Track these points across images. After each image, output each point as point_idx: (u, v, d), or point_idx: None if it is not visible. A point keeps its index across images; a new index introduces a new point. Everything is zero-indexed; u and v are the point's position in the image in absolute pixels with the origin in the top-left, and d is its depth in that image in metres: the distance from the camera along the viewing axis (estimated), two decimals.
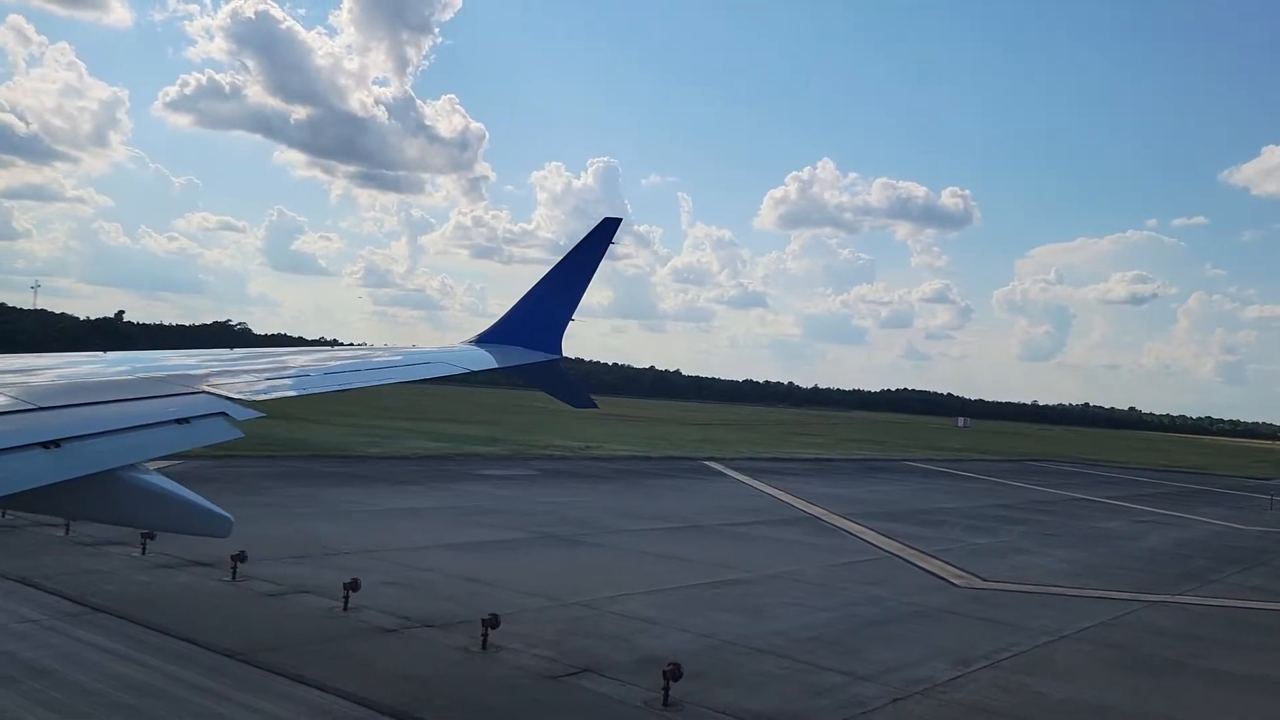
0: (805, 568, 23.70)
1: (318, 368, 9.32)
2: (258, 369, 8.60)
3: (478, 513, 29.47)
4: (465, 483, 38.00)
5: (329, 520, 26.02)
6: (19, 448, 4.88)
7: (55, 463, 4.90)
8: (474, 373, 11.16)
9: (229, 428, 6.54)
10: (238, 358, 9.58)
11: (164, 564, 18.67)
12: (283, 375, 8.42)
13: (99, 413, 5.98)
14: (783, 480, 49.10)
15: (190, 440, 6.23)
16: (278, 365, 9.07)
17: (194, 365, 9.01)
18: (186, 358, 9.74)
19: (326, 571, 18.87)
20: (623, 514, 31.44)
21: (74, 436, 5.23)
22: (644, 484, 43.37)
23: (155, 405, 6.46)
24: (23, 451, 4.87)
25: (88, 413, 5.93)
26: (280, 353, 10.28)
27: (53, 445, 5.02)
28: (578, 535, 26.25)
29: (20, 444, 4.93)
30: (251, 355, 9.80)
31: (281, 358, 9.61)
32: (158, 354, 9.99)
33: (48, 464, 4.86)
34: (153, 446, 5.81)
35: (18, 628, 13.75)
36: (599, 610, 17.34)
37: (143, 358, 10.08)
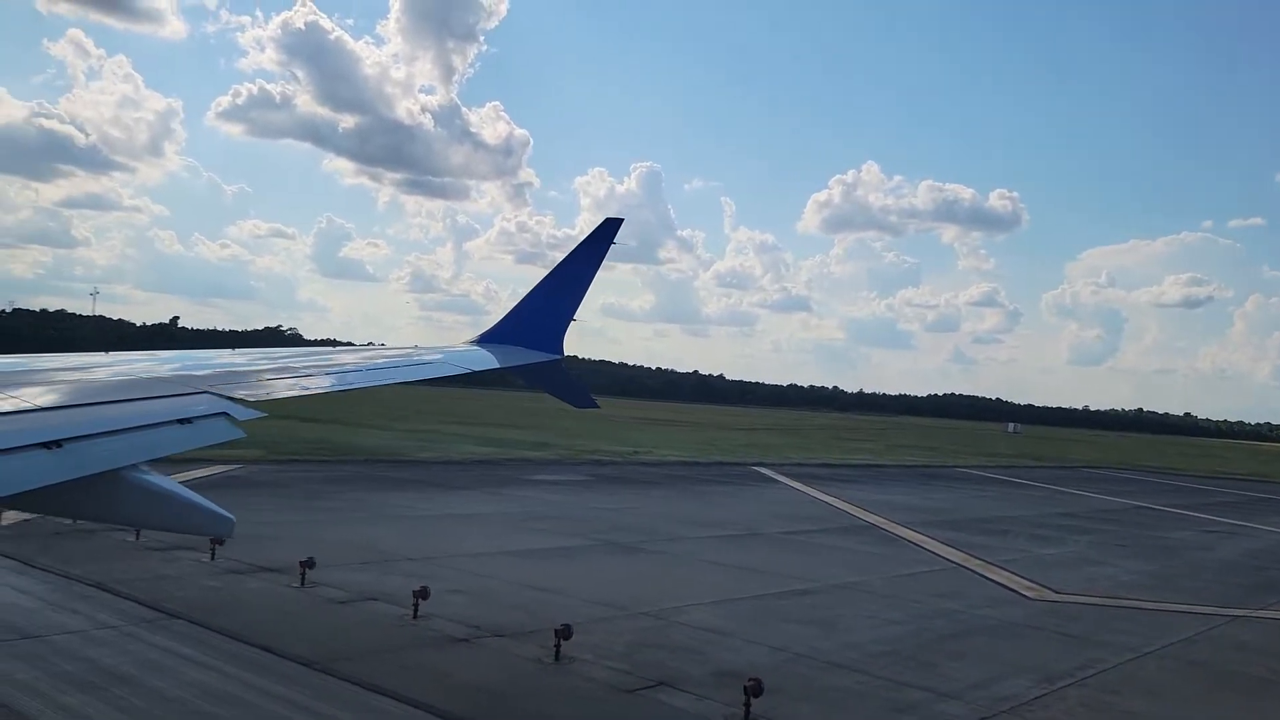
0: (871, 578, 23.23)
1: (317, 369, 9.25)
2: (264, 368, 8.61)
3: (533, 519, 29.37)
4: (518, 488, 37.97)
5: (388, 526, 26.07)
6: (21, 448, 4.83)
7: (57, 463, 4.84)
8: (476, 373, 11.10)
9: (230, 428, 6.57)
10: (255, 358, 9.61)
11: (233, 569, 18.76)
12: (282, 376, 8.34)
13: (101, 413, 5.92)
14: (836, 487, 48.47)
15: (192, 440, 6.20)
16: (281, 366, 9.04)
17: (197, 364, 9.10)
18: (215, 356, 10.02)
19: (392, 578, 18.84)
20: (680, 520, 31.15)
21: (75, 437, 5.18)
22: (697, 490, 43.04)
23: (157, 406, 6.41)
24: (24, 452, 4.81)
25: (89, 413, 5.88)
26: (281, 353, 10.28)
27: (54, 445, 4.97)
28: (637, 543, 26.01)
29: (22, 444, 4.87)
30: (265, 355, 9.84)
31: (284, 358, 9.60)
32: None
33: (49, 464, 4.80)
34: (154, 447, 5.75)
35: (97, 634, 13.83)
36: (667, 621, 17.08)
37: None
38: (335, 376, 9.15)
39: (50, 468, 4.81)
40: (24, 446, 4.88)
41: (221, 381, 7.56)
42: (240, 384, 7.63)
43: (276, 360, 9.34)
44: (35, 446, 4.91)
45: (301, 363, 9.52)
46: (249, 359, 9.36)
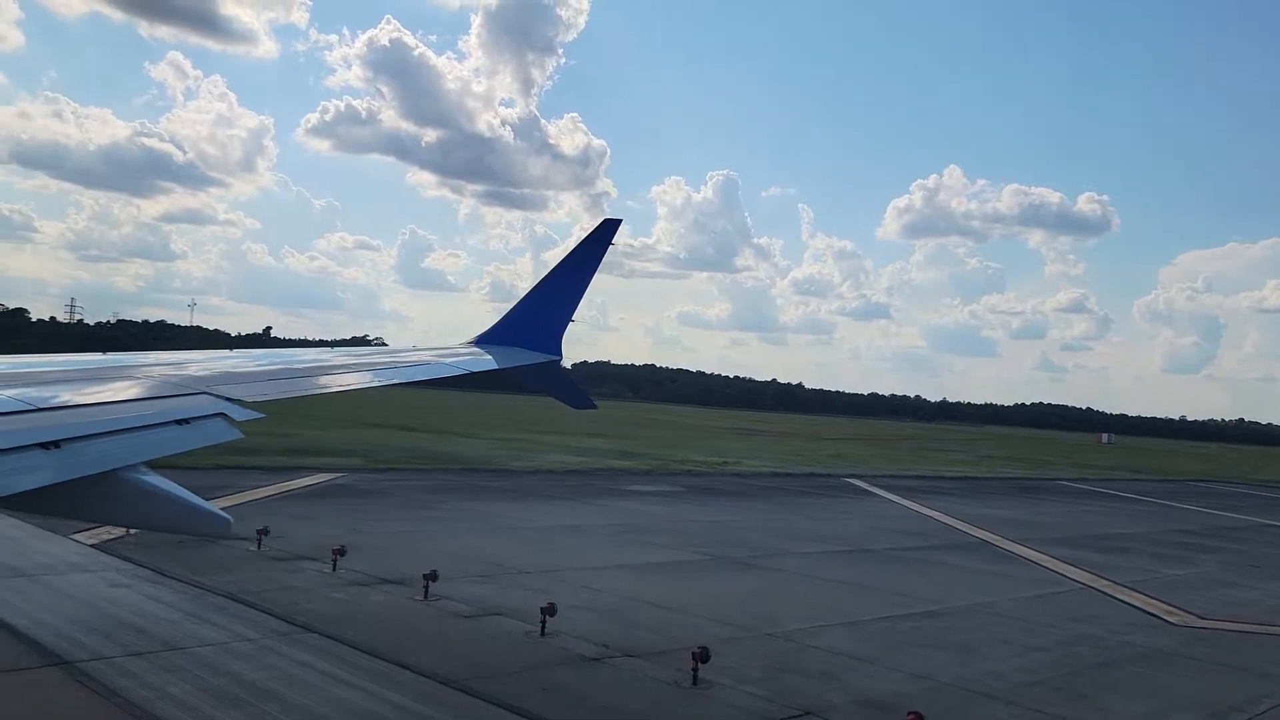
0: (999, 600, 22.21)
1: (315, 370, 9.17)
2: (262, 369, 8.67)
3: (639, 531, 29.02)
4: (615, 499, 37.72)
5: (499, 537, 26.00)
6: (19, 448, 4.79)
7: (55, 463, 4.82)
8: (473, 374, 10.99)
9: (228, 428, 6.51)
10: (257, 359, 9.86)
11: (356, 581, 18.79)
12: (279, 378, 8.25)
13: (100, 414, 5.84)
14: (937, 500, 47.05)
15: (191, 441, 6.14)
16: (280, 367, 9.07)
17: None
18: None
19: (513, 592, 18.65)
20: (785, 535, 30.44)
21: (74, 437, 5.17)
22: (796, 503, 42.20)
23: (156, 406, 6.36)
24: (23, 452, 4.78)
25: (88, 413, 5.80)
26: (279, 354, 10.31)
27: (53, 446, 4.94)
28: (748, 558, 25.43)
29: (20, 444, 4.84)
30: (263, 355, 9.98)
31: (282, 359, 9.63)
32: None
33: (48, 464, 4.78)
34: (153, 447, 5.68)
35: (237, 647, 13.87)
36: (799, 644, 16.47)
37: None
38: (338, 376, 9.06)
39: (49, 468, 4.76)
40: (23, 447, 4.83)
41: (220, 382, 7.49)
42: (239, 385, 7.54)
43: (276, 361, 9.26)
44: (34, 447, 4.87)
45: (300, 364, 9.43)
46: (251, 360, 9.30)
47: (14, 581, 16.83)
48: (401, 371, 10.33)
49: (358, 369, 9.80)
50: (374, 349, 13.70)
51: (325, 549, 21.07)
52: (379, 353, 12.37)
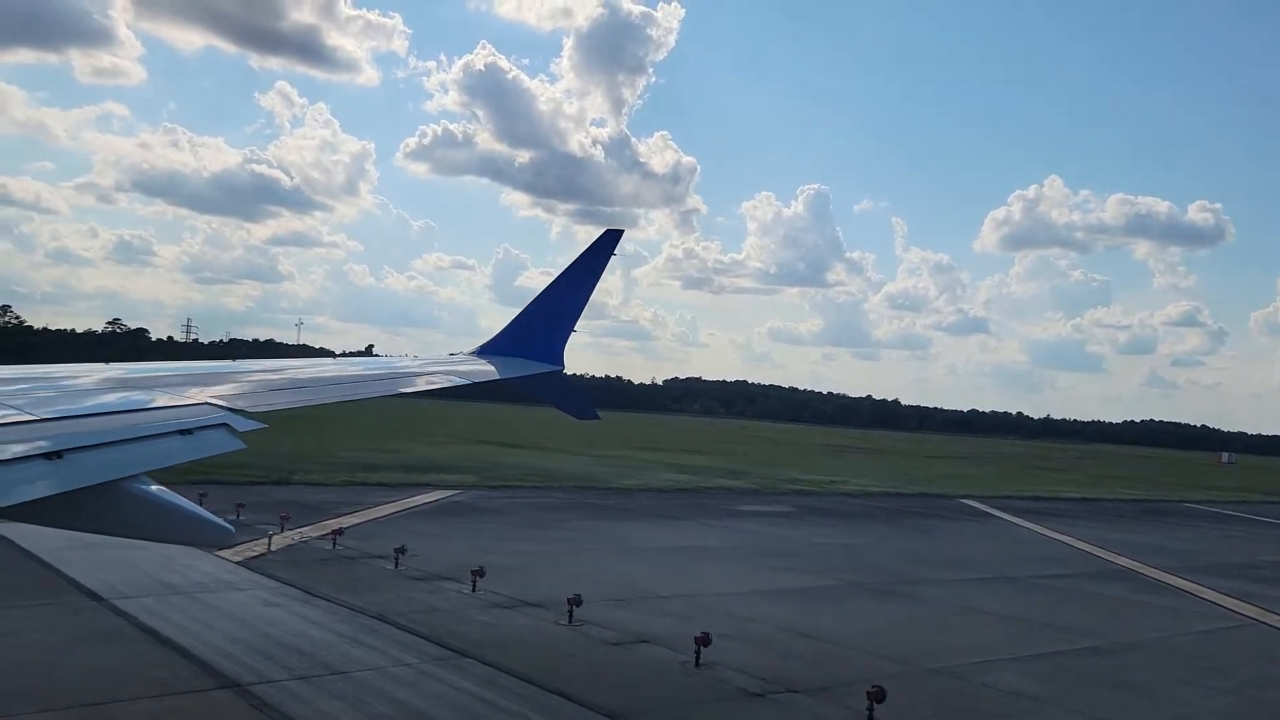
0: (1166, 635, 20.76)
1: (322, 379, 9.07)
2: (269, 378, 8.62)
3: (767, 554, 28.29)
4: (732, 519, 37.03)
5: (628, 559, 25.61)
6: (21, 459, 4.72)
7: (56, 474, 4.72)
8: (476, 384, 10.81)
9: (230, 438, 6.30)
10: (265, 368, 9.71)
11: (498, 603, 18.60)
12: (283, 388, 8.16)
13: (102, 424, 5.76)
14: (1062, 523, 44.91)
15: (192, 451, 5.98)
16: (286, 377, 8.99)
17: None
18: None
19: (655, 619, 18.20)
20: (917, 560, 29.29)
21: (76, 448, 5.05)
22: (916, 525, 40.78)
23: (159, 416, 6.25)
24: (25, 463, 4.70)
25: (91, 424, 5.72)
26: (285, 363, 10.14)
27: (55, 456, 4.84)
28: (886, 585, 24.45)
29: (22, 455, 4.76)
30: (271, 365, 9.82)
31: (288, 369, 9.56)
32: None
33: (49, 475, 4.68)
34: (155, 458, 5.54)
35: (397, 672, 13.73)
36: (968, 680, 15.54)
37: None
38: (341, 387, 8.96)
39: (50, 478, 4.70)
40: (25, 457, 4.78)
41: (222, 393, 7.39)
42: (240, 395, 7.44)
43: (282, 371, 9.17)
44: (36, 457, 4.81)
45: (307, 373, 9.33)
46: (260, 369, 9.16)
47: (174, 599, 17.13)
48: (407, 381, 10.30)
49: (368, 380, 9.77)
50: (379, 359, 13.64)
51: (460, 569, 21.02)
52: (385, 363, 12.24)
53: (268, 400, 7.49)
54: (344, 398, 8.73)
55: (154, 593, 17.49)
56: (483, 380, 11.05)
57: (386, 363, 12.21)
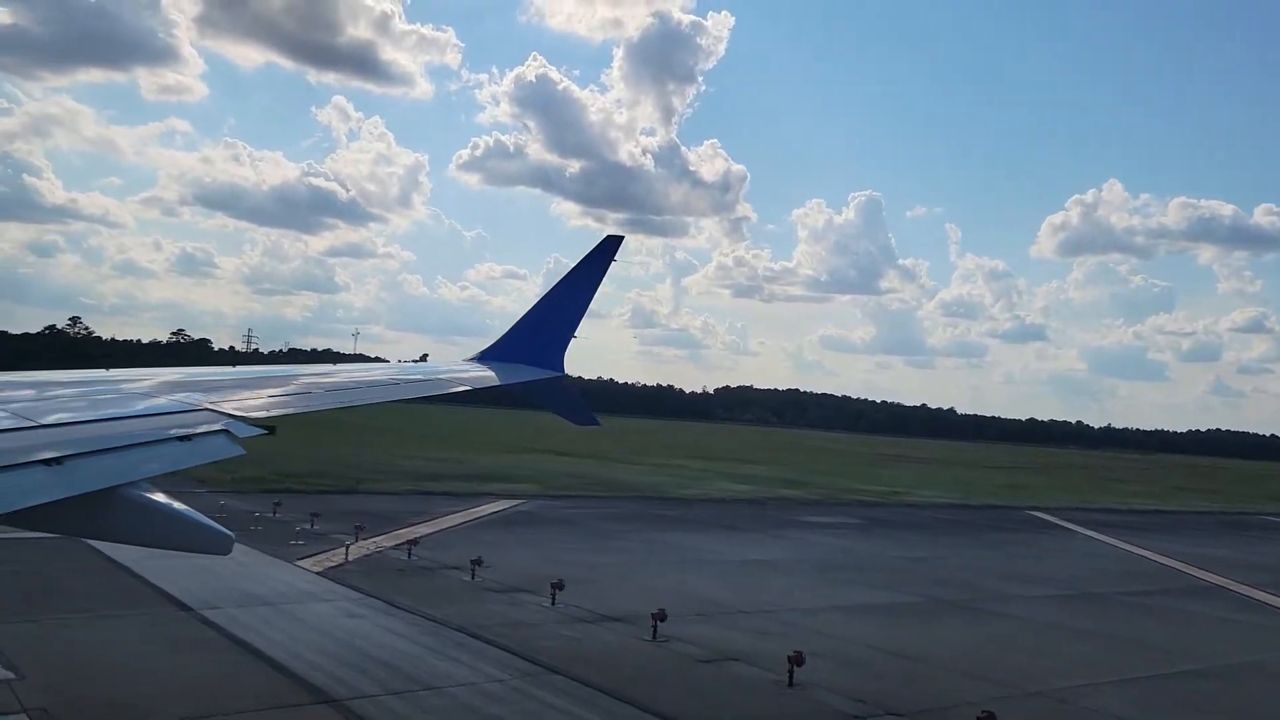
0: (1270, 658, 19.87)
1: (322, 385, 8.99)
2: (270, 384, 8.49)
3: (838, 568, 27.76)
4: (798, 530, 36.47)
5: (699, 571, 25.27)
6: (20, 465, 4.69)
7: (56, 480, 4.70)
8: (475, 390, 10.77)
9: (230, 444, 6.27)
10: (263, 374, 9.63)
11: (579, 617, 18.38)
12: (285, 394, 8.06)
13: (101, 430, 5.71)
14: (1138, 537, 43.54)
15: (192, 458, 5.94)
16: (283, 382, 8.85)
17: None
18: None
19: (739, 635, 17.85)
20: (995, 575, 28.51)
21: (75, 454, 5.02)
22: (988, 538, 39.83)
23: (158, 423, 6.18)
24: (24, 469, 4.68)
25: (90, 430, 5.66)
26: (289, 370, 10.05)
27: (54, 463, 4.82)
28: (968, 600, 23.79)
29: (21, 461, 4.74)
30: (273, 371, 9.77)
31: (290, 374, 9.45)
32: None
33: (48, 481, 4.66)
34: (154, 464, 5.49)
35: (490, 688, 13.57)
36: (1073, 705, 14.93)
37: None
38: (340, 393, 8.90)
39: (49, 485, 4.69)
40: (24, 464, 4.76)
41: (224, 398, 7.33)
42: (244, 400, 7.41)
43: (283, 376, 9.08)
44: (35, 464, 4.79)
45: (307, 379, 9.21)
46: (249, 377, 9.05)
47: (260, 610, 17.20)
48: (409, 388, 10.24)
49: (370, 386, 9.72)
50: (380, 365, 13.61)
51: (535, 580, 20.92)
52: (386, 369, 12.16)
53: (269, 407, 7.46)
54: (347, 404, 8.72)
55: (239, 603, 17.59)
56: (484, 386, 11.03)
57: (389, 369, 12.19)
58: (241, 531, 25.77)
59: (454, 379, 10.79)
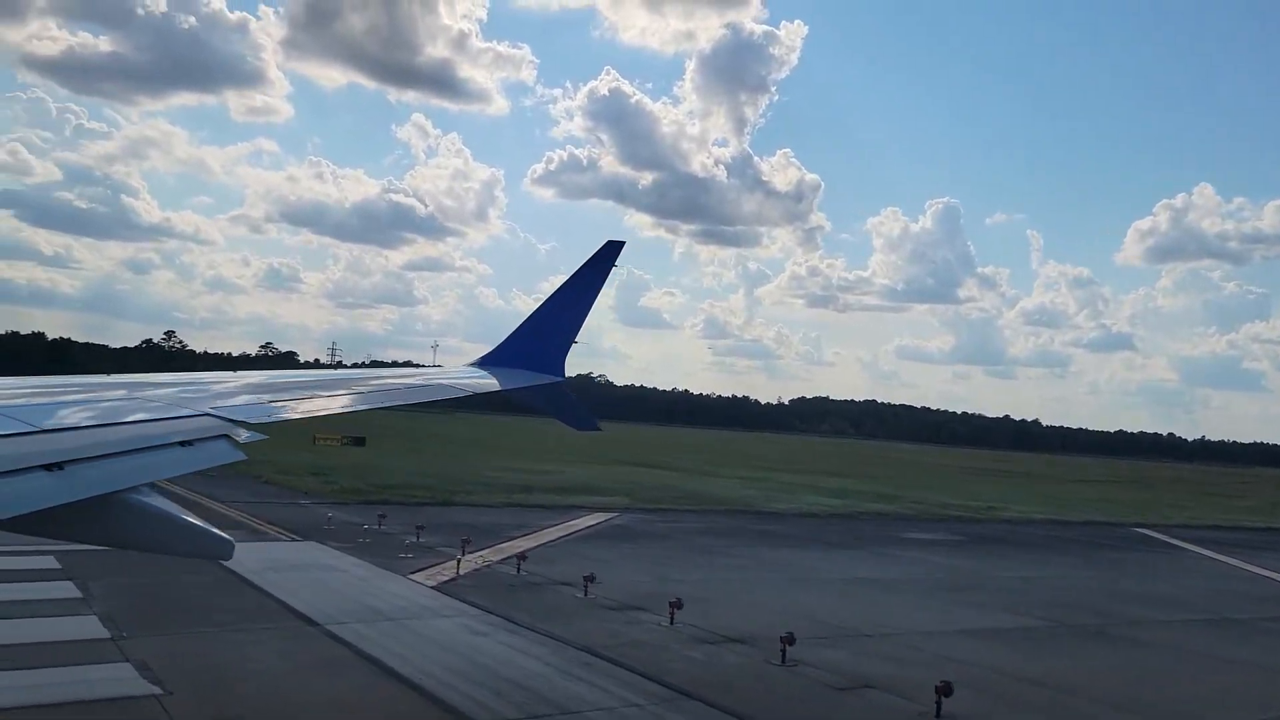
0: None
1: (323, 391, 8.90)
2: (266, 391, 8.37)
3: (951, 588, 26.78)
4: (899, 547, 35.44)
5: (813, 590, 24.60)
6: (22, 470, 4.71)
7: (58, 485, 4.72)
8: (476, 395, 10.70)
9: (232, 449, 6.26)
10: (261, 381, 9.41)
11: (701, 638, 17.93)
12: (283, 399, 7.95)
13: (103, 435, 5.68)
14: (1258, 556, 41.24)
15: (193, 463, 5.94)
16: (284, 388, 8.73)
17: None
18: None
19: (870, 660, 17.19)
20: (1120, 597, 27.17)
21: (77, 459, 5.04)
22: (1100, 557, 38.17)
23: (160, 428, 6.21)
24: (26, 474, 4.70)
25: (92, 435, 5.64)
26: (286, 375, 9.90)
27: (56, 468, 4.84)
28: (1099, 625, 22.64)
29: (23, 466, 4.76)
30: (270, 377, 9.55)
31: (287, 381, 9.32)
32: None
33: (50, 486, 4.69)
34: (156, 469, 5.51)
35: (629, 713, 13.21)
36: None
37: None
38: (343, 399, 8.82)
39: (51, 490, 4.69)
40: (26, 469, 4.74)
41: (225, 404, 7.28)
42: (244, 406, 7.34)
43: (280, 383, 9.00)
44: (37, 468, 4.78)
45: (301, 385, 9.08)
46: (249, 382, 8.98)
47: (382, 625, 17.15)
48: (410, 393, 10.17)
49: (374, 391, 9.67)
50: (380, 370, 13.41)
51: (648, 597, 20.63)
52: (387, 374, 11.94)
53: (270, 413, 7.42)
54: (353, 408, 8.73)
55: (363, 618, 17.56)
56: (484, 391, 11.00)
57: (390, 373, 12.13)
58: (351, 544, 26.08)
59: (455, 385, 10.76)
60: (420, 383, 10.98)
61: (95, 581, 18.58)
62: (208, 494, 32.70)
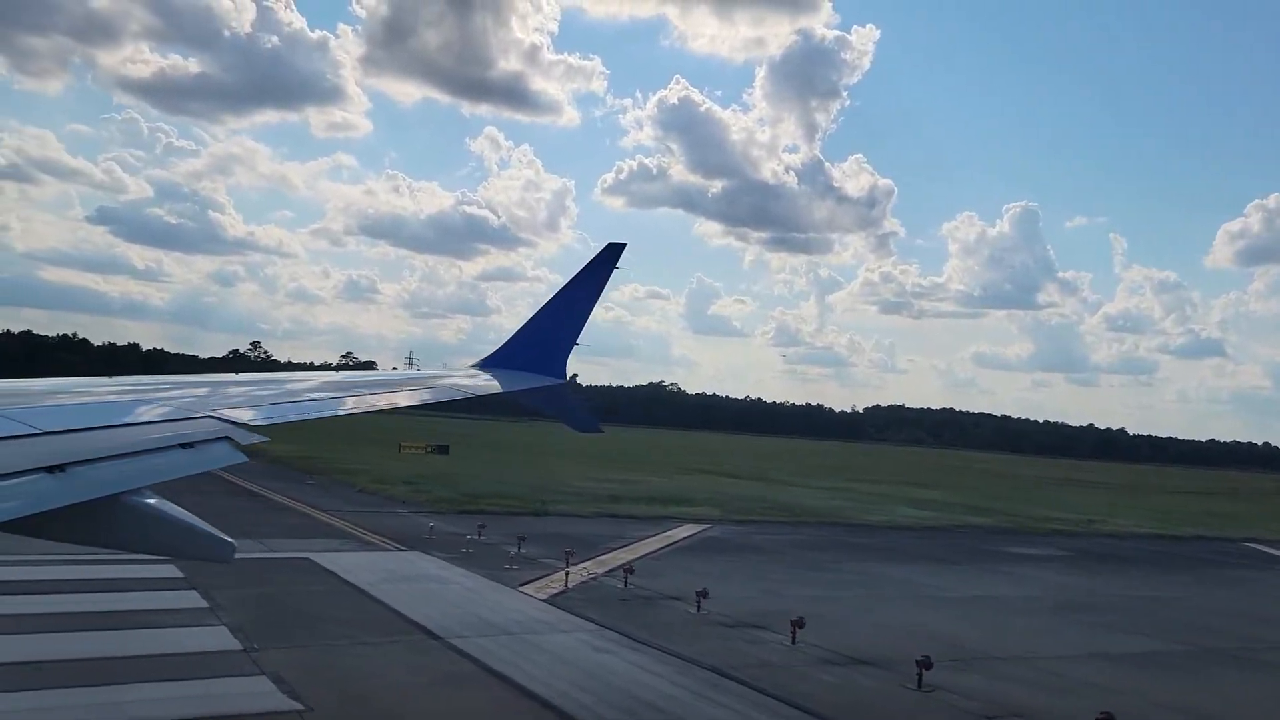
0: None
1: (320, 393, 8.90)
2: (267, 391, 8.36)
3: (1073, 607, 25.56)
4: (1007, 564, 34.14)
5: (924, 608, 23.68)
6: (23, 472, 4.76)
7: (60, 487, 4.78)
8: (479, 398, 10.76)
9: (233, 452, 6.22)
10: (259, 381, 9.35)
11: (827, 659, 17.28)
12: (285, 401, 8.02)
13: (105, 437, 5.76)
14: None
15: (195, 465, 5.90)
16: (284, 390, 8.70)
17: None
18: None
19: (1010, 686, 16.33)
20: (1259, 620, 25.69)
21: (79, 461, 5.09)
22: (1215, 574, 36.28)
23: (161, 430, 6.28)
24: (27, 475, 4.74)
25: (93, 437, 5.71)
26: (285, 377, 9.93)
27: (57, 469, 4.89)
28: (1243, 650, 21.31)
29: (25, 468, 4.80)
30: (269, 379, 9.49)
31: (287, 382, 9.27)
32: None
33: (52, 488, 4.74)
34: (158, 471, 5.56)
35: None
36: None
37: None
38: (342, 400, 8.78)
39: (53, 492, 4.73)
40: (27, 470, 4.79)
41: (225, 405, 7.25)
42: (244, 407, 7.32)
43: (281, 384, 9.00)
44: (38, 470, 4.82)
45: (303, 386, 9.16)
46: (255, 383, 8.98)
47: (505, 640, 16.90)
48: (410, 395, 10.13)
49: (371, 392, 9.63)
50: (381, 373, 13.42)
51: (762, 614, 20.14)
52: (388, 377, 11.93)
53: (269, 414, 7.45)
54: (354, 410, 8.61)
55: (483, 631, 17.35)
56: (485, 394, 10.98)
57: (392, 376, 12.04)
58: (455, 555, 26.03)
59: (456, 386, 10.76)
60: (425, 384, 10.97)
61: (219, 591, 18.74)
62: (313, 503, 33.13)
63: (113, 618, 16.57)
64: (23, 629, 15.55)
